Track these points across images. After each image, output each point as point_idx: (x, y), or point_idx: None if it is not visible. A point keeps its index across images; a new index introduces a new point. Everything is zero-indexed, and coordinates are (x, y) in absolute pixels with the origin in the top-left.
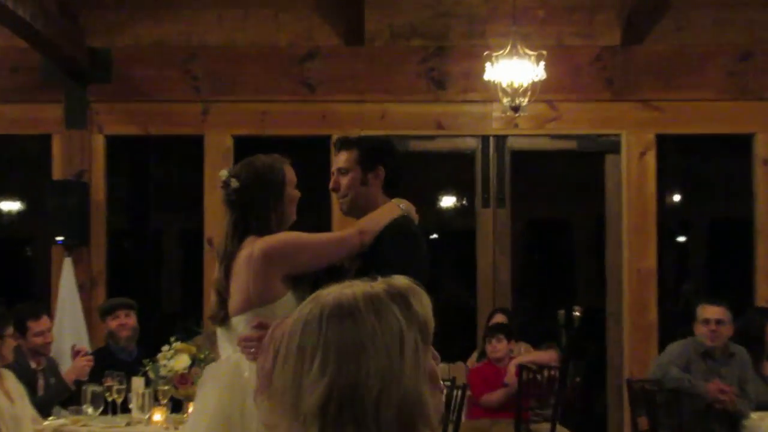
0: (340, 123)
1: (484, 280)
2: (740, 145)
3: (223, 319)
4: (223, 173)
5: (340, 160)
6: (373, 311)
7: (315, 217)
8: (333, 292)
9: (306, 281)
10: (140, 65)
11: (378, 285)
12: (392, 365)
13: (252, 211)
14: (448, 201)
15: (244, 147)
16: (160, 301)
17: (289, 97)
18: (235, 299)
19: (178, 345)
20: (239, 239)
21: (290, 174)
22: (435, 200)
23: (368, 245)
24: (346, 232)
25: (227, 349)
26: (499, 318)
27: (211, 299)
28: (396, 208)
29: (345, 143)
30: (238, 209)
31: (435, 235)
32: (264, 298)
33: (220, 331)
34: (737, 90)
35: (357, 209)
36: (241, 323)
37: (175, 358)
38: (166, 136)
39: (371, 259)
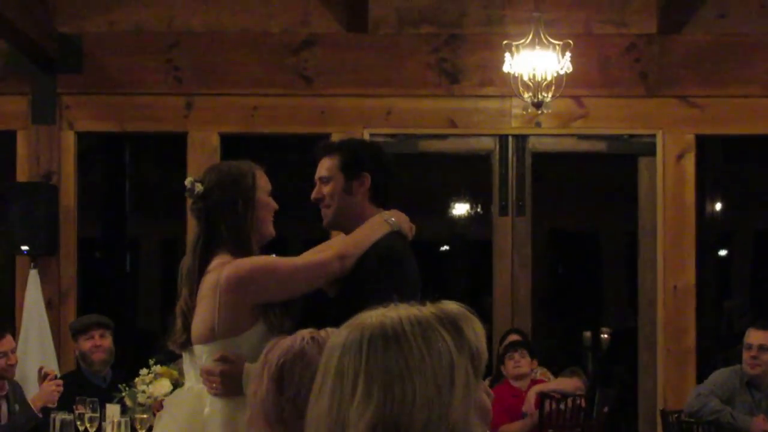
0: (340, 120)
1: (501, 297)
2: None
3: (185, 345)
4: (189, 179)
5: (322, 167)
6: (421, 335)
7: (311, 226)
8: (375, 315)
9: (277, 309)
10: (115, 53)
11: (426, 309)
12: (441, 395)
13: (221, 220)
14: (461, 208)
15: (233, 146)
16: (138, 318)
17: (283, 90)
18: (198, 327)
19: (158, 368)
20: (205, 254)
21: (263, 180)
22: (447, 207)
23: (351, 268)
24: (324, 256)
25: (191, 376)
26: (515, 338)
27: (176, 321)
28: (383, 224)
29: (326, 149)
30: (204, 218)
31: (446, 247)
32: (230, 330)
33: (184, 356)
34: None
35: (341, 221)
36: (203, 353)
37: (154, 383)
38: (144, 133)
39: (352, 285)
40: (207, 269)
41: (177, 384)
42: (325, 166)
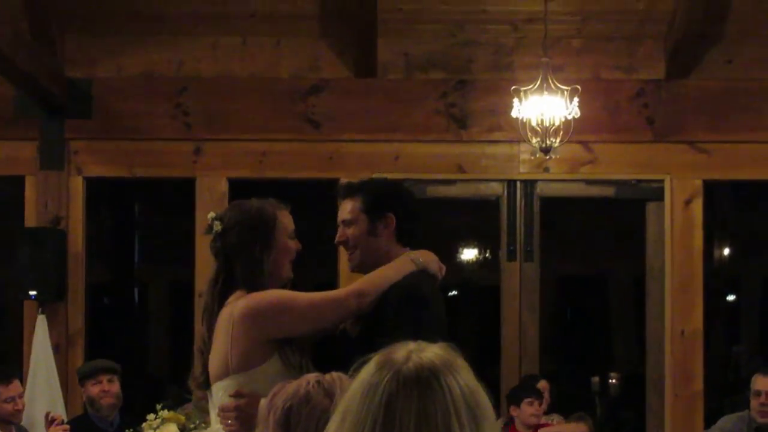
0: (349, 165)
1: (509, 343)
2: None
3: (204, 384)
4: (211, 214)
5: (344, 210)
6: (450, 371)
7: (321, 270)
8: (402, 355)
9: (294, 344)
10: (124, 99)
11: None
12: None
13: (237, 261)
14: (469, 253)
15: (241, 191)
16: (146, 363)
17: (291, 135)
18: (214, 363)
19: (165, 413)
20: (222, 292)
21: (285, 221)
22: (455, 252)
23: (371, 308)
24: (342, 292)
25: (213, 417)
26: (543, 385)
27: (195, 360)
28: (408, 263)
29: (348, 190)
30: (221, 257)
31: (455, 292)
32: (244, 364)
33: (208, 396)
34: None
35: (368, 264)
36: (220, 390)
37: (161, 428)
38: (153, 178)
39: (373, 324)
40: (224, 305)
41: (184, 429)
42: (348, 209)
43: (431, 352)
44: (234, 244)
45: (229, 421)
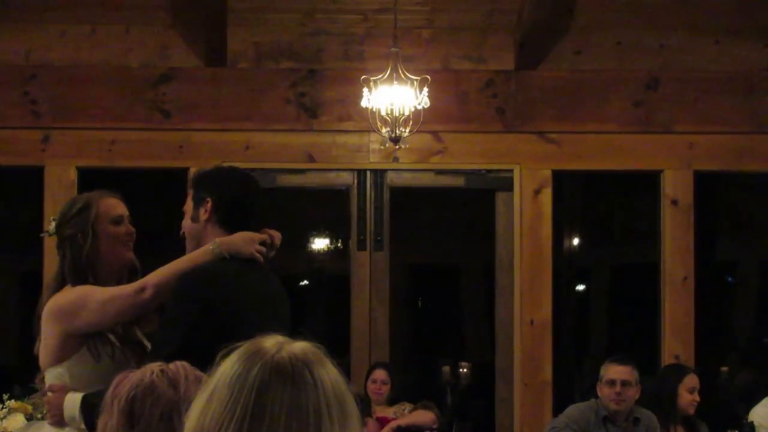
0: (199, 154)
1: (358, 333)
2: (646, 183)
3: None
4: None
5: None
6: (321, 365)
7: (168, 259)
8: (280, 346)
9: (102, 337)
10: None
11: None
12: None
13: (65, 254)
14: (320, 242)
15: (90, 180)
16: None
17: (141, 124)
18: (40, 357)
19: (12, 403)
20: (56, 288)
21: (107, 208)
22: (305, 241)
23: (158, 300)
24: (131, 286)
25: None
26: (379, 374)
27: None
28: (205, 253)
29: (190, 181)
30: (60, 254)
31: (305, 281)
32: (54, 359)
33: None
34: (643, 122)
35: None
36: (45, 382)
37: (8, 418)
38: (0, 167)
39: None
40: None
41: (31, 418)
42: (187, 200)
43: (299, 344)
44: (64, 238)
45: (47, 414)
